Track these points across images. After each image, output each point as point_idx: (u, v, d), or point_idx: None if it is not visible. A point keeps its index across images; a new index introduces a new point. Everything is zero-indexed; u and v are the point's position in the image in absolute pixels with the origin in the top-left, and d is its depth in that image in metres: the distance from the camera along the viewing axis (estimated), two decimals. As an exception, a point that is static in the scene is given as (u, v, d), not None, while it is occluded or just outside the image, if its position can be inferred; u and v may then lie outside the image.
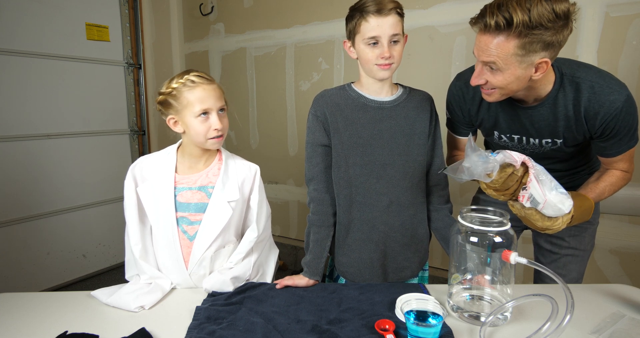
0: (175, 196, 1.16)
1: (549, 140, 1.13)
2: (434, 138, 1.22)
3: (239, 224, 1.24)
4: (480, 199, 1.43)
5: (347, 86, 1.20)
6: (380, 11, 1.04)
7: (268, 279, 1.26)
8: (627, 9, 1.81)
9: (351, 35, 1.11)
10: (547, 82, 1.05)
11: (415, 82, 1.32)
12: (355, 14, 1.07)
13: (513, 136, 1.18)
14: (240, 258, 1.19)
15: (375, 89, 1.16)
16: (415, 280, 1.28)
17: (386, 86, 1.16)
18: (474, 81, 1.02)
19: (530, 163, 0.94)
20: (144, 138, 3.18)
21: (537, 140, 1.15)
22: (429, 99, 1.22)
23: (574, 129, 1.08)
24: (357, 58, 1.13)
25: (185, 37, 3.37)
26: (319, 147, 1.18)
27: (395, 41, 1.07)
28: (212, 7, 3.14)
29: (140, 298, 1.05)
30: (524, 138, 1.16)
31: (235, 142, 3.25)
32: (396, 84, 1.21)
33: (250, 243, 1.20)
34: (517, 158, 0.92)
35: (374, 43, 1.07)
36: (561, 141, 1.12)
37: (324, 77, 2.73)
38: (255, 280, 1.21)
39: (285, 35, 2.84)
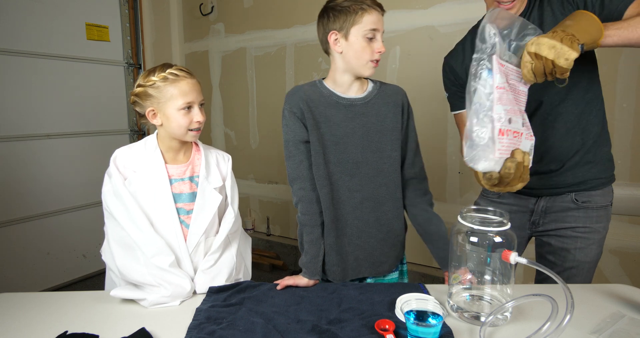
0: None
1: None
2: (407, 131, 1.22)
3: (222, 210, 1.26)
4: (480, 204, 1.41)
5: (318, 82, 1.19)
6: (380, 7, 1.10)
7: (248, 266, 1.29)
8: (627, 9, 1.80)
9: (345, 26, 1.08)
10: None
11: (415, 82, 1.33)
12: (355, 5, 1.07)
13: None
14: (222, 240, 1.20)
15: (349, 87, 1.17)
16: (395, 274, 1.30)
17: (359, 82, 1.18)
18: None
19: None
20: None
21: None
22: (400, 93, 1.22)
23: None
24: (340, 52, 1.12)
25: (185, 37, 3.37)
26: (301, 144, 1.16)
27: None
28: (212, 7, 3.14)
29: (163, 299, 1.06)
30: None
31: (235, 142, 3.25)
32: (366, 79, 1.21)
33: (229, 223, 1.21)
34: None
35: (372, 37, 1.08)
36: None
37: (324, 77, 2.73)
38: (241, 272, 1.24)
39: (285, 35, 2.85)
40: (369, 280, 1.26)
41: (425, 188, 1.25)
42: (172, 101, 1.11)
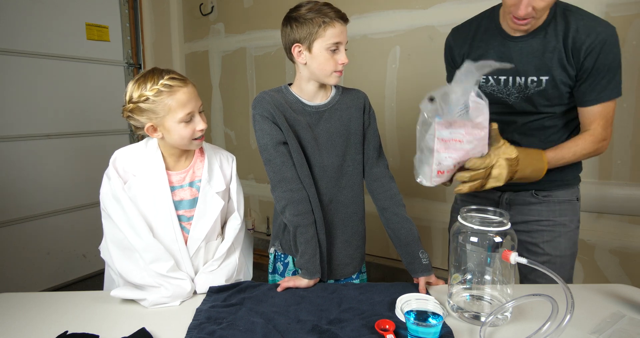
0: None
1: (535, 78, 1.14)
2: (371, 131, 1.24)
3: (225, 214, 1.25)
4: (457, 199, 1.42)
5: (284, 88, 1.20)
6: (343, 18, 1.11)
7: (250, 266, 1.29)
8: (627, 9, 1.81)
9: (308, 39, 1.09)
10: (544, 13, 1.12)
11: (415, 82, 1.33)
12: (317, 18, 1.07)
13: (500, 77, 1.18)
14: (227, 248, 1.19)
15: (314, 94, 1.19)
16: (357, 281, 1.31)
17: (323, 90, 1.20)
18: (523, 10, 1.03)
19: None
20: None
21: (522, 79, 1.15)
22: (361, 97, 1.24)
23: (560, 64, 1.11)
24: (305, 63, 1.12)
25: (185, 37, 3.37)
26: (281, 145, 1.14)
27: (345, 49, 1.13)
28: (212, 7, 3.14)
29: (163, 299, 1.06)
30: (510, 79, 1.17)
31: (235, 142, 3.25)
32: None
33: (235, 231, 1.21)
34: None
35: (335, 49, 1.09)
36: (547, 79, 1.12)
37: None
38: (242, 272, 1.23)
39: (285, 35, 2.84)
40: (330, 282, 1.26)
41: (394, 189, 1.24)
42: (172, 115, 1.06)
